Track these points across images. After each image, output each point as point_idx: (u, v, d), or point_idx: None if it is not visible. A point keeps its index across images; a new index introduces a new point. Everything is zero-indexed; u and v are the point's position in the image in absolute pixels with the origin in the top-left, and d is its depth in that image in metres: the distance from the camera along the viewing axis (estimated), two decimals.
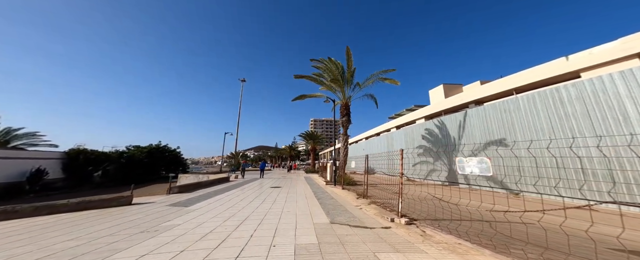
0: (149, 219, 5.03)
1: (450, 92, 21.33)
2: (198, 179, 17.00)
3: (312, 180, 17.16)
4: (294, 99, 18.46)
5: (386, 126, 27.01)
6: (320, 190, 11.16)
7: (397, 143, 21.54)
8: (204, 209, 6.24)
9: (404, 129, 20.62)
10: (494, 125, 11.02)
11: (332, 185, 13.32)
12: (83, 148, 19.33)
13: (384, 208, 6.35)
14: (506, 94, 12.20)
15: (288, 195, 9.30)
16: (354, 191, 10.38)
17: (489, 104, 11.50)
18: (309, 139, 31.61)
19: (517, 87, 11.28)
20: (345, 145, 15.74)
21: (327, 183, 14.40)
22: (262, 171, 21.85)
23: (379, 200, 7.79)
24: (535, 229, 4.42)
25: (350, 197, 8.80)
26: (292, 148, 54.30)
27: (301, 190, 10.75)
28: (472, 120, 12.47)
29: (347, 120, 15.84)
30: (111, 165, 22.13)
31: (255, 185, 13.43)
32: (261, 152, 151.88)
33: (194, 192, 9.24)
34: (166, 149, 30.36)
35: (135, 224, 4.64)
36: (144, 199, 7.69)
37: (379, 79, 14.73)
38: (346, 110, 16.02)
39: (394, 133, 22.92)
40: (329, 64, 16.28)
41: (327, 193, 9.98)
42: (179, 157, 32.30)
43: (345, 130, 15.91)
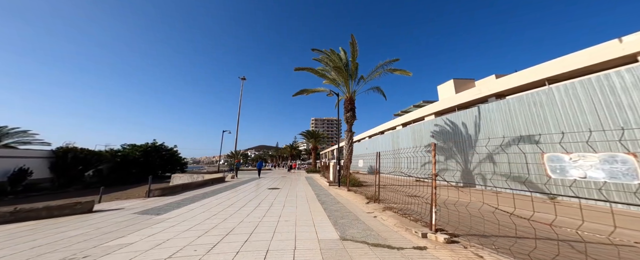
0: (97, 234, 3.83)
1: (461, 87, 20.06)
2: (192, 179, 15.91)
3: (313, 181, 15.98)
4: (296, 94, 17.30)
5: (391, 124, 25.75)
6: (323, 192, 9.98)
7: (404, 141, 20.32)
8: (179, 217, 5.05)
9: (411, 127, 19.38)
10: (520, 119, 9.76)
11: (336, 186, 12.13)
12: (72, 146, 18.29)
13: (403, 216, 5.15)
14: (534, 85, 10.90)
15: (287, 198, 8.12)
16: (362, 193, 9.19)
17: (514, 97, 10.23)
18: (310, 138, 30.41)
19: (550, 76, 9.99)
20: (350, 143, 14.54)
21: (330, 184, 13.22)
22: (259, 171, 20.75)
23: (394, 205, 6.58)
24: (631, 251, 3.21)
25: (359, 200, 7.61)
26: (293, 147, 53.16)
27: (302, 192, 9.58)
28: (493, 115, 11.21)
29: (352, 116, 14.64)
30: (104, 165, 21.16)
31: (251, 186, 12.27)
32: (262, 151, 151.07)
33: (177, 195, 8.07)
34: (163, 147, 29.36)
35: (68, 243, 3.36)
36: (114, 204, 6.53)
37: (388, 70, 13.48)
38: (351, 105, 14.81)
39: (399, 131, 21.67)
40: (332, 55, 15.08)
41: (331, 195, 8.80)
42: (176, 156, 31.33)
43: (349, 127, 14.71)
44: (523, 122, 9.60)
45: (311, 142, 30.90)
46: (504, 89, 12.01)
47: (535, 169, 8.39)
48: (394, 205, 6.57)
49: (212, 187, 11.26)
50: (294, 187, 11.71)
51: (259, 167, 21.07)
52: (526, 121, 9.46)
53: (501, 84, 12.35)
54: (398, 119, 24.54)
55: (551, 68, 10.05)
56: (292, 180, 16.14)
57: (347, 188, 10.57)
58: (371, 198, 7.61)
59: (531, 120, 9.22)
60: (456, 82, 20.60)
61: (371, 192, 9.11)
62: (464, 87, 19.97)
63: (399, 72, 13.13)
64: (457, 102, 15.50)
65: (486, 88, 13.10)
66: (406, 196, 8.18)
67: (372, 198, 7.54)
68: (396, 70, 13.24)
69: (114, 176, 21.26)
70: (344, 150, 14.67)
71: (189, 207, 6.24)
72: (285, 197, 8.23)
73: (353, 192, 9.81)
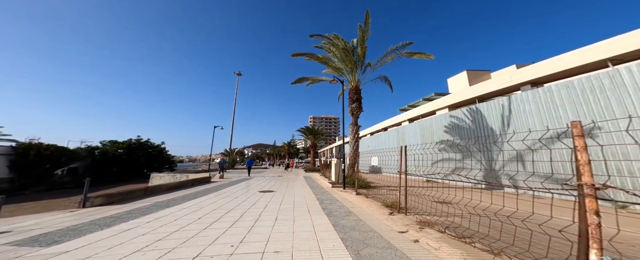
0: None
1: (475, 79, 18.41)
2: (174, 179, 13.97)
3: (313, 181, 14.12)
4: (294, 82, 15.41)
5: (396, 119, 24.01)
6: (326, 196, 8.14)
7: (410, 138, 18.58)
8: (85, 250, 3.11)
9: (420, 122, 17.61)
10: (567, 109, 8.00)
11: (340, 188, 10.31)
12: (36, 142, 16.10)
13: (460, 239, 3.33)
14: (587, 69, 9.11)
15: (281, 206, 6.25)
16: (375, 198, 7.36)
17: (559, 83, 8.44)
18: (309, 134, 28.53)
19: (615, 55, 8.19)
20: (356, 138, 12.70)
21: (333, 185, 11.38)
22: (249, 169, 18.92)
23: (429, 217, 4.75)
24: None
25: (376, 209, 5.77)
26: (291, 145, 51.26)
27: (301, 197, 7.72)
28: (527, 106, 9.44)
29: (358, 107, 12.80)
30: (79, 163, 19.01)
31: (240, 188, 10.36)
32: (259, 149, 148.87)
33: (129, 204, 5.99)
34: (149, 144, 27.09)
35: None
36: (10, 221, 4.61)
37: (404, 53, 11.51)
38: (357, 95, 12.97)
39: (405, 127, 19.90)
40: (335, 39, 13.14)
41: (338, 202, 6.95)
42: (164, 154, 29.12)
43: (355, 120, 12.87)
44: (572, 113, 7.85)
45: (309, 139, 29.01)
46: (544, 74, 10.22)
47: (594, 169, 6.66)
48: (428, 217, 4.73)
49: (188, 190, 9.27)
50: (291, 189, 9.85)
51: (248, 165, 19.21)
52: (576, 111, 7.71)
53: (541, 69, 10.49)
54: (404, 115, 22.81)
55: (618, 44, 8.23)
56: (289, 181, 14.27)
57: (355, 191, 8.73)
58: (392, 206, 5.77)
59: (585, 109, 7.48)
60: (470, 74, 18.95)
61: (387, 197, 7.28)
62: (478, 79, 18.32)
63: (418, 56, 11.24)
64: (478, 93, 13.73)
65: (519, 75, 11.27)
66: (433, 201, 6.36)
67: (394, 206, 5.70)
68: (414, 54, 11.33)
69: (92, 175, 19.10)
70: (349, 147, 12.83)
71: (125, 225, 4.24)
72: (279, 205, 6.35)
73: (363, 196, 7.98)
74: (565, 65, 9.56)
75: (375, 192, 8.59)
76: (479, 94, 13.37)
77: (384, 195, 7.93)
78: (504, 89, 11.78)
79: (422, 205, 6.00)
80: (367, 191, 9.13)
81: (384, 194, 8.48)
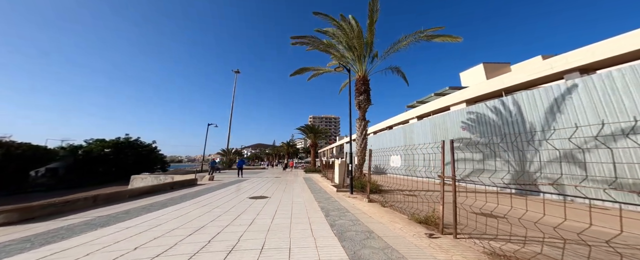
0: None
1: (494, 72, 16.87)
2: (157, 181, 12.39)
3: (314, 184, 12.53)
4: (294, 73, 13.84)
5: (403, 117, 22.43)
6: (332, 203, 6.54)
7: (420, 136, 17.01)
8: None
9: (430, 119, 16.03)
10: (633, 99, 6.39)
11: (347, 193, 8.71)
12: (7, 141, 14.44)
13: None
14: None
15: (274, 220, 4.65)
16: (393, 207, 5.77)
17: (624, 67, 6.81)
18: (309, 133, 26.91)
19: None
20: (364, 135, 11.12)
21: (337, 189, 9.78)
22: (240, 170, 17.42)
23: (493, 241, 3.16)
24: None
25: (403, 225, 4.18)
26: (290, 145, 49.63)
27: (300, 206, 6.12)
28: (574, 97, 7.79)
29: (366, 100, 11.22)
30: (59, 163, 17.44)
31: (227, 193, 8.76)
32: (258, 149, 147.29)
33: (48, 222, 4.28)
34: (138, 143, 25.39)
35: None
36: None
37: (424, 37, 9.82)
38: (365, 86, 11.40)
39: (414, 125, 18.33)
40: (342, 23, 11.51)
41: (349, 213, 5.35)
42: (155, 153, 27.45)
43: (363, 114, 11.29)
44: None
45: (310, 138, 27.40)
46: (599, 59, 8.51)
47: None
48: (493, 242, 3.13)
49: (161, 196, 7.59)
50: (289, 194, 8.25)
51: (239, 166, 17.57)
52: None
53: (595, 53, 8.69)
54: (412, 111, 21.22)
55: None
56: (287, 183, 12.67)
57: (366, 197, 7.13)
58: (428, 222, 4.17)
59: None
60: (487, 67, 17.39)
61: (409, 205, 5.70)
62: (497, 72, 16.77)
63: (441, 39, 9.60)
64: (504, 85, 12.08)
65: (563, 62, 9.56)
66: (473, 213, 4.76)
67: (430, 222, 4.12)
68: (436, 37, 9.68)
69: (73, 176, 17.57)
70: (356, 145, 11.24)
71: None
72: (271, 219, 4.74)
73: (378, 204, 6.38)
74: (629, 46, 7.91)
75: (390, 199, 7.00)
76: (505, 86, 11.73)
77: (404, 204, 6.34)
78: (539, 78, 10.15)
79: (460, 218, 4.39)
80: (381, 197, 7.53)
81: (402, 200, 6.89)
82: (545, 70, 10.01)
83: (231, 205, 6.02)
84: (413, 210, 5.45)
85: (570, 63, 9.14)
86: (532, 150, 8.93)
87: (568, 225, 2.61)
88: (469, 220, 4.46)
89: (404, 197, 7.97)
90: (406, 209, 5.56)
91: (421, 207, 5.65)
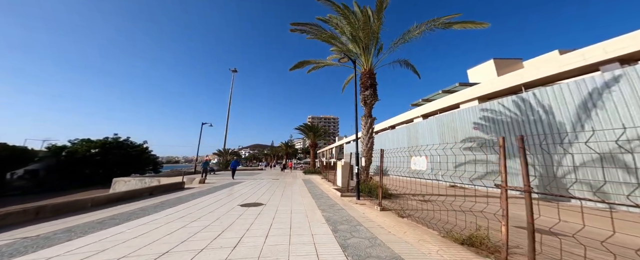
0: None
1: (505, 68, 15.98)
2: (142, 184, 11.27)
3: (315, 187, 11.47)
4: (293, 67, 12.81)
5: (407, 116, 21.47)
6: (339, 213, 5.47)
7: (425, 136, 16.06)
8: None
9: (437, 118, 15.07)
10: None
11: (352, 198, 7.66)
12: None
13: None
14: None
15: (267, 240, 3.58)
16: (413, 218, 4.73)
17: None
18: (308, 132, 25.82)
19: None
20: (370, 134, 10.10)
21: (342, 193, 8.71)
22: (233, 171, 16.39)
23: None
24: None
25: (440, 246, 3.14)
26: (288, 145, 48.49)
27: (301, 216, 5.06)
28: (613, 91, 6.79)
29: (372, 95, 10.21)
30: (40, 164, 16.22)
31: (215, 199, 7.67)
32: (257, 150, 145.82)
33: None
34: (128, 144, 24.04)
35: None
36: None
37: (440, 24, 8.75)
38: (371, 80, 10.40)
39: (418, 124, 17.38)
40: (345, 11, 10.43)
41: (362, 227, 4.29)
42: (146, 154, 26.11)
43: (369, 110, 10.28)
44: None
45: (309, 138, 26.32)
46: None
47: None
48: None
49: (136, 203, 6.39)
50: (287, 200, 7.18)
51: (232, 167, 16.52)
52: None
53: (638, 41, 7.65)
54: (416, 110, 20.26)
55: None
56: (285, 186, 11.59)
57: (377, 205, 6.07)
58: (473, 244, 3.14)
59: None
60: (498, 63, 16.49)
61: (425, 214, 4.68)
62: (509, 69, 15.86)
63: (461, 26, 8.56)
64: (525, 80, 11.11)
65: (599, 51, 8.52)
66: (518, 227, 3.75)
67: (478, 243, 3.08)
68: (455, 24, 8.64)
69: (56, 179, 16.34)
70: (361, 144, 10.21)
71: None
72: (265, 238, 3.67)
73: (393, 213, 5.34)
74: None
75: (403, 205, 5.96)
76: (525, 81, 10.75)
77: (422, 213, 5.31)
78: (568, 71, 9.18)
79: (496, 233, 3.35)
80: (393, 204, 6.49)
81: (418, 208, 5.86)
82: (575, 62, 9.04)
83: (216, 217, 4.93)
84: (436, 220, 4.42)
85: (608, 53, 8.17)
86: (559, 153, 7.96)
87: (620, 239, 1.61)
88: (517, 238, 3.44)
89: (418, 203, 6.95)
90: (429, 219, 4.52)
91: (446, 217, 4.62)
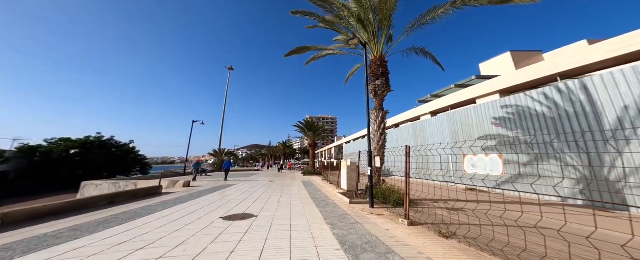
0: None
1: (524, 61, 14.79)
2: (116, 188, 9.74)
3: (317, 190, 10.04)
4: (289, 54, 11.38)
5: (413, 113, 20.17)
6: (355, 229, 4.03)
7: (434, 135, 14.81)
8: None
9: (449, 115, 13.79)
10: None
11: (364, 206, 6.24)
12: None
13: None
14: None
15: None
16: (464, 241, 3.32)
17: None
18: (308, 131, 24.34)
19: None
20: (382, 129, 8.71)
21: (350, 200, 7.28)
22: (226, 172, 15.27)
23: None
24: None
25: None
26: (286, 145, 46.98)
27: (305, 236, 3.63)
28: None
29: (384, 85, 8.84)
30: (8, 165, 14.49)
31: (193, 209, 6.19)
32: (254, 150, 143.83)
33: None
34: (112, 143, 22.11)
35: None
36: None
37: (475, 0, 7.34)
38: (382, 69, 9.04)
39: (426, 121, 16.09)
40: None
41: (397, 258, 2.89)
42: (132, 154, 24.18)
43: (380, 102, 8.90)
44: None
45: (309, 137, 24.86)
46: None
47: None
48: None
49: (75, 218, 4.88)
50: (285, 210, 5.73)
51: (225, 167, 15.35)
52: None
53: None
54: (423, 107, 18.96)
55: None
56: (283, 189, 10.15)
57: (405, 218, 4.65)
58: None
59: None
60: (515, 56, 15.28)
61: (465, 230, 3.30)
62: (527, 62, 14.67)
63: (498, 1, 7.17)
64: (560, 69, 9.76)
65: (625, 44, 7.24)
66: None
67: None
68: None
69: (27, 181, 14.66)
70: (372, 142, 8.79)
71: None
72: None
73: (430, 231, 3.93)
74: None
75: (430, 215, 4.58)
76: (562, 70, 9.43)
77: (463, 228, 3.92)
78: (613, 58, 7.86)
79: None
80: (422, 216, 5.08)
81: (455, 222, 4.48)
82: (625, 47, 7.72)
83: (182, 239, 3.46)
84: (489, 240, 3.02)
85: None
86: (612, 153, 6.64)
87: None
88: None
89: (448, 213, 5.56)
90: (481, 240, 3.12)
91: (499, 235, 3.23)
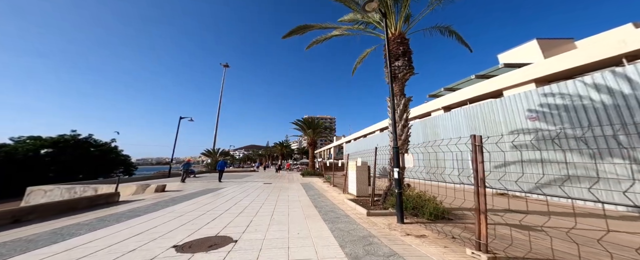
0: None
1: (553, 49, 13.32)
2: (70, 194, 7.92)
3: (319, 195, 8.31)
4: (287, 35, 9.60)
5: (422, 109, 18.56)
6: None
7: (448, 132, 13.27)
8: None
9: (466, 110, 12.20)
10: None
11: (389, 219, 4.50)
12: None
13: None
14: None
15: None
16: None
17: None
18: (307, 129, 22.60)
19: None
20: (405, 119, 7.01)
21: (367, 211, 5.55)
22: (220, 173, 14.34)
23: None
24: None
25: None
26: (284, 145, 45.19)
27: None
28: None
29: (407, 66, 7.13)
30: None
31: (140, 229, 4.44)
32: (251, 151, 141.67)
33: None
34: (90, 142, 19.92)
35: None
36: None
37: None
38: (403, 47, 7.34)
39: (438, 117, 14.52)
40: None
41: None
42: (113, 154, 21.94)
43: (401, 87, 7.20)
44: None
45: (308, 135, 23.13)
46: None
47: None
48: None
49: None
50: (281, 229, 3.99)
51: (219, 168, 14.07)
52: None
53: None
54: (435, 102, 17.35)
55: None
56: (279, 195, 8.39)
57: (478, 248, 2.95)
58: None
59: None
60: (543, 44, 13.82)
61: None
62: (557, 50, 13.18)
63: None
64: (629, 49, 8.12)
65: None
66: None
67: None
68: None
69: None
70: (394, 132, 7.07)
71: None
72: None
73: None
74: None
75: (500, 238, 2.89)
76: (630, 50, 7.77)
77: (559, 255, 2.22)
78: None
79: None
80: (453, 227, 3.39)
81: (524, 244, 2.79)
82: None
83: None
84: None
85: None
86: None
87: None
88: None
89: (520, 232, 3.87)
90: None
91: None
